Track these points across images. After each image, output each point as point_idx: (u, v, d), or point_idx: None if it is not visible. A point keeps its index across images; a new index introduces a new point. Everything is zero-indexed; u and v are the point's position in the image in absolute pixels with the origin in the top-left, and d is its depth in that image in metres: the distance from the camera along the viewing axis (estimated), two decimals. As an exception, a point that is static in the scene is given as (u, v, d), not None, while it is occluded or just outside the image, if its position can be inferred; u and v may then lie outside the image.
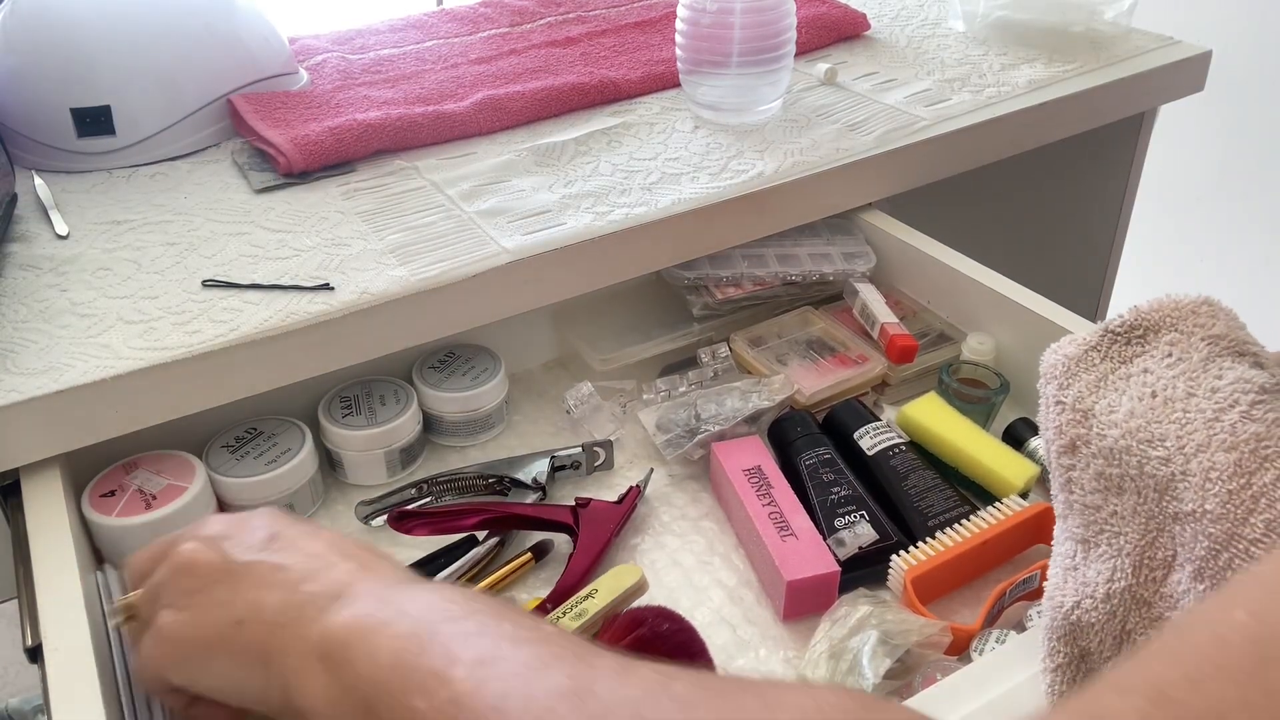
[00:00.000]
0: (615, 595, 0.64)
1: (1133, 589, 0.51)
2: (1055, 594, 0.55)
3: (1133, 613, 0.51)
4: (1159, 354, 0.53)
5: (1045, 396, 0.56)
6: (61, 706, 0.55)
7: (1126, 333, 0.54)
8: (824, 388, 0.87)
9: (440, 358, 0.90)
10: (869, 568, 0.71)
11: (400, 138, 1.00)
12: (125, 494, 0.74)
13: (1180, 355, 0.52)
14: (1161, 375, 0.52)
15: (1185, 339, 0.53)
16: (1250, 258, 2.05)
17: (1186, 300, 0.54)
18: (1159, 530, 0.50)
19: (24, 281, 0.82)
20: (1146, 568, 0.51)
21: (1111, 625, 0.52)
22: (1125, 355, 0.54)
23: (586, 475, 0.85)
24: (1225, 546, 0.46)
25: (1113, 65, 1.19)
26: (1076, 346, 0.55)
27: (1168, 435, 0.49)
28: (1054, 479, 0.56)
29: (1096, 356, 0.55)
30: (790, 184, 0.95)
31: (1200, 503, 0.47)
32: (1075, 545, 0.54)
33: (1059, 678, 0.54)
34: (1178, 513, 0.48)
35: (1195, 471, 0.47)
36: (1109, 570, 0.52)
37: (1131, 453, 0.50)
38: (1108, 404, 0.52)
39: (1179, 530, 0.49)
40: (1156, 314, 0.54)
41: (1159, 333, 0.54)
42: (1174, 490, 0.49)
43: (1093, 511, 0.53)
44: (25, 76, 0.98)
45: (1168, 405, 0.50)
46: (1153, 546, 0.50)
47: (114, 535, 0.72)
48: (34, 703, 1.52)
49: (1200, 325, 0.53)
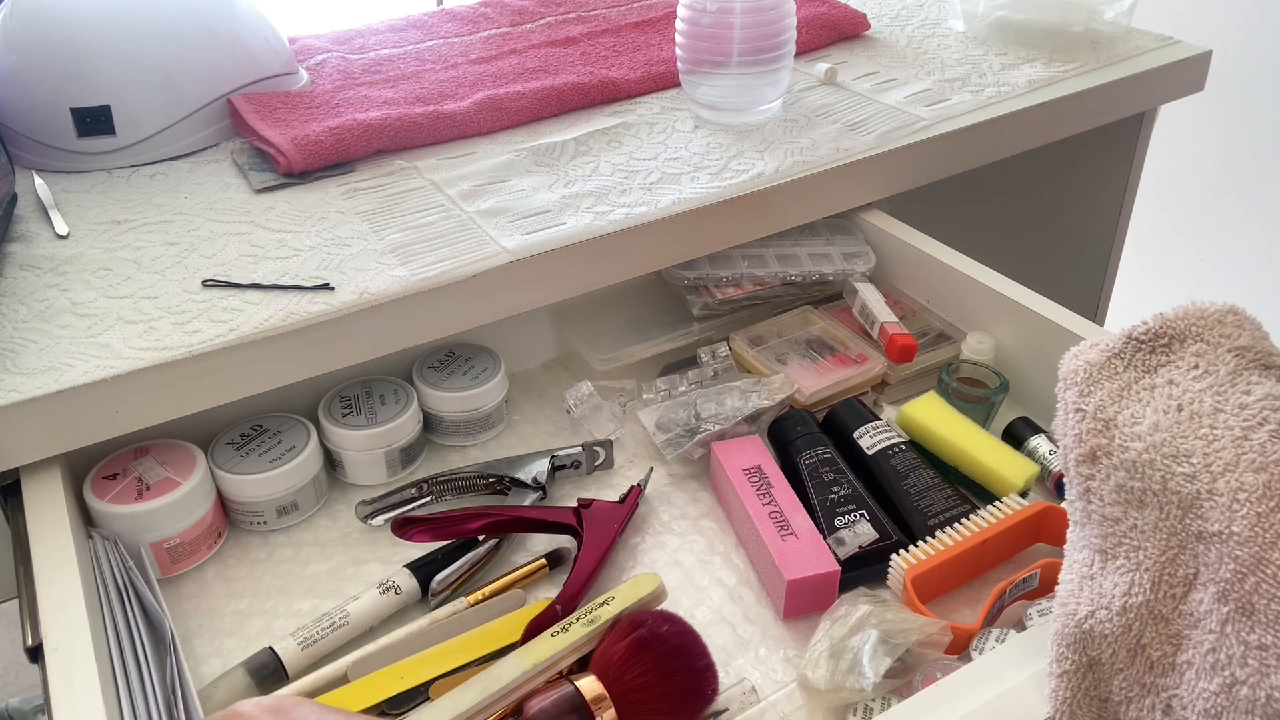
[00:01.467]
0: (630, 604, 0.64)
1: (1150, 604, 0.50)
2: (1069, 601, 0.54)
3: (1149, 628, 0.50)
4: (1185, 365, 0.52)
5: (1064, 402, 0.55)
6: (61, 706, 0.55)
7: (1151, 341, 0.53)
8: (824, 387, 0.87)
9: (440, 357, 0.90)
10: (869, 567, 0.71)
11: (400, 138, 1.00)
12: (124, 480, 0.75)
13: (1207, 368, 0.51)
14: (1188, 388, 0.51)
15: (1211, 350, 0.52)
16: (1250, 258, 2.05)
17: (1212, 309, 0.53)
18: (1180, 547, 0.49)
19: (24, 281, 0.82)
20: (1166, 584, 0.50)
21: (1126, 638, 0.51)
22: (1150, 364, 0.53)
23: (586, 475, 0.85)
24: (1253, 570, 0.45)
25: (1113, 65, 1.19)
26: (1099, 353, 0.54)
27: (1194, 451, 0.48)
28: (1070, 485, 0.55)
29: (1120, 364, 0.54)
30: (790, 184, 0.95)
31: (1227, 524, 0.46)
32: (1093, 554, 0.53)
33: (1064, 684, 0.53)
34: (1201, 531, 0.48)
35: (1223, 491, 0.47)
36: (1126, 584, 0.51)
37: (1155, 467, 0.50)
38: (1131, 415, 0.52)
39: (1202, 549, 0.48)
40: (1182, 322, 0.53)
41: (1184, 342, 0.53)
42: (1199, 508, 0.48)
43: (1112, 524, 0.52)
44: (25, 76, 0.98)
45: (1194, 420, 0.49)
46: (1173, 563, 0.50)
47: (103, 518, 0.73)
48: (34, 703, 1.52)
49: (1226, 336, 0.52)
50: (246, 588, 0.75)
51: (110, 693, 0.58)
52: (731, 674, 0.67)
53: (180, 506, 0.74)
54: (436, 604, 0.72)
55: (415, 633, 0.68)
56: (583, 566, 0.72)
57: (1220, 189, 2.05)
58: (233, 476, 0.77)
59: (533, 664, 0.60)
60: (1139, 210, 1.40)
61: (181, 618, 0.73)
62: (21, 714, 1.50)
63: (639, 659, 0.58)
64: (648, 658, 0.58)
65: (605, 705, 0.57)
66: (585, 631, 0.62)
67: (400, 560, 0.74)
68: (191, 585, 0.76)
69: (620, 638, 0.60)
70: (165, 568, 0.75)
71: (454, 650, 0.66)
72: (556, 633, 0.62)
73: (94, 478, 0.75)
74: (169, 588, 0.75)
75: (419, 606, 0.73)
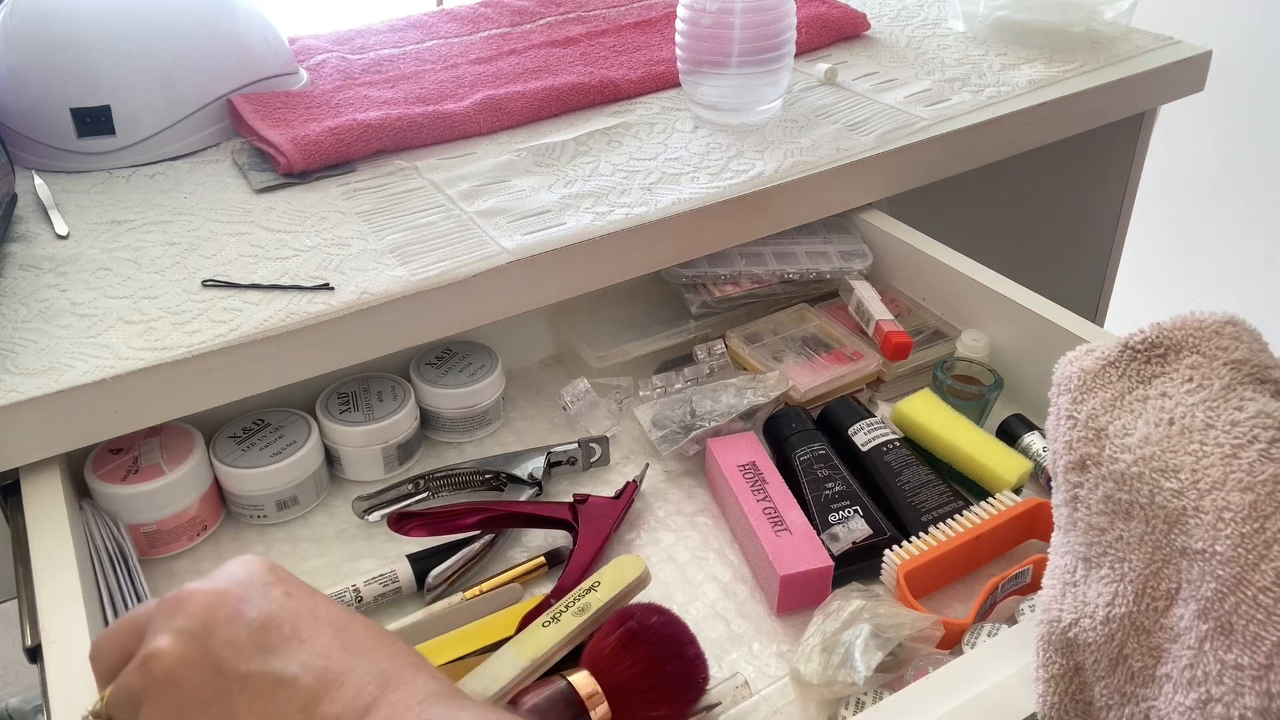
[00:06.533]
0: (619, 589, 0.64)
1: (1133, 616, 0.50)
2: (1052, 607, 0.54)
3: (1131, 638, 0.50)
4: (1179, 378, 0.51)
5: (1057, 408, 0.54)
6: (61, 706, 0.55)
7: (1146, 351, 0.53)
8: (819, 384, 0.87)
9: (437, 354, 0.90)
10: (862, 562, 0.72)
11: (400, 138, 1.01)
12: (124, 457, 0.76)
13: (1201, 381, 0.51)
14: (1181, 401, 0.50)
15: (1207, 363, 0.51)
16: (1250, 258, 2.04)
17: (1210, 320, 0.53)
18: (1165, 561, 0.49)
19: (24, 281, 0.82)
20: (1149, 597, 0.50)
21: (1109, 648, 0.51)
22: (1144, 375, 0.53)
23: (583, 471, 0.85)
24: (1233, 590, 0.45)
25: (1113, 65, 1.19)
26: (1094, 360, 0.54)
27: (1182, 467, 0.48)
28: (1058, 491, 0.55)
29: (1114, 373, 0.53)
30: (790, 184, 0.96)
31: (1211, 542, 0.46)
32: (1077, 561, 0.53)
33: (1051, 689, 0.53)
34: (1185, 548, 0.47)
35: (1208, 509, 0.46)
36: (1110, 594, 0.51)
37: (1144, 480, 0.49)
38: (1122, 425, 0.51)
39: (1185, 565, 0.48)
40: (1179, 333, 0.53)
41: (1180, 354, 0.52)
42: (1184, 524, 0.48)
43: (1098, 533, 0.52)
44: (25, 76, 0.99)
45: (1185, 435, 0.49)
46: (1157, 577, 0.49)
47: (93, 491, 0.75)
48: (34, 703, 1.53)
49: (1223, 349, 0.51)
50: (245, 583, 0.76)
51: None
52: (725, 668, 0.67)
53: (160, 496, 0.75)
54: (432, 598, 0.73)
55: (409, 626, 0.69)
56: (578, 561, 0.72)
57: (1220, 189, 2.05)
58: (233, 470, 0.78)
59: (530, 659, 0.60)
60: (1139, 210, 1.40)
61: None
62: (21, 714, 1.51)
63: (630, 650, 0.59)
64: (638, 649, 0.59)
65: (598, 700, 0.57)
66: (578, 622, 0.62)
67: (397, 556, 0.75)
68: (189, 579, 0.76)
69: (610, 631, 0.60)
70: (144, 550, 0.76)
71: (449, 644, 0.66)
72: (548, 622, 0.62)
73: (101, 448, 0.76)
74: (165, 581, 0.76)
75: (415, 600, 0.74)
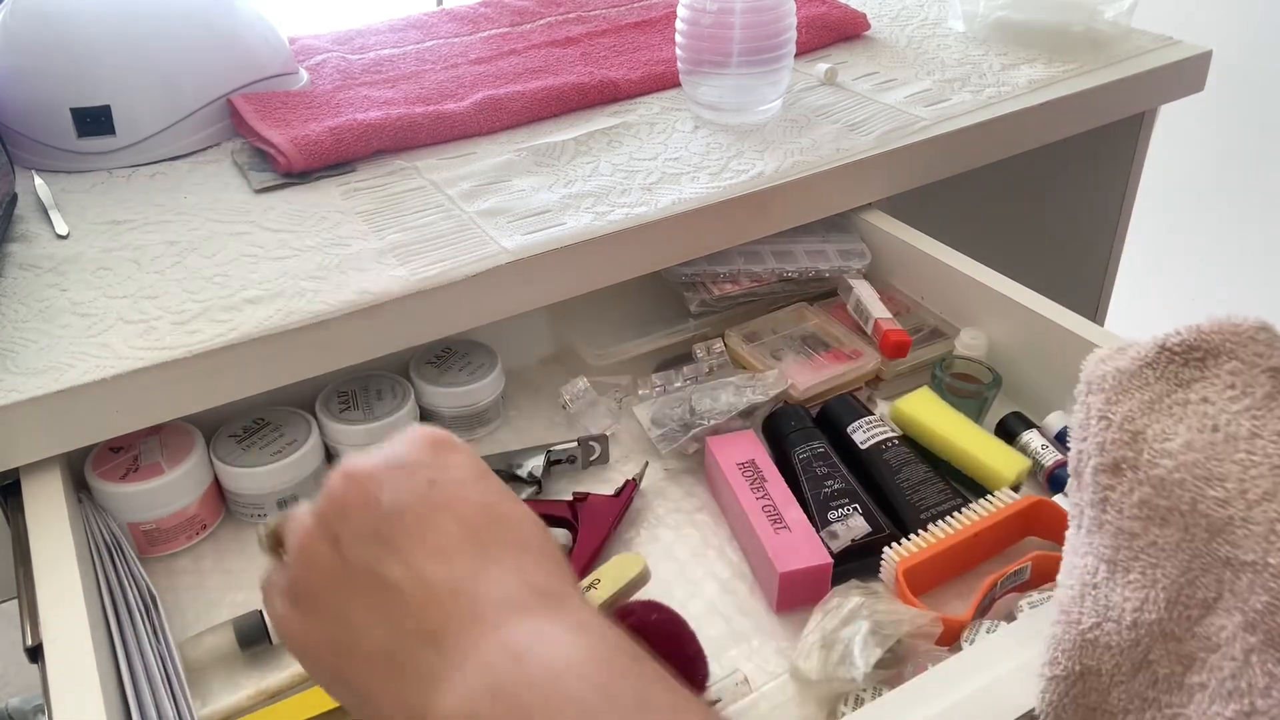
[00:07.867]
0: (619, 586, 0.64)
1: (1163, 623, 0.49)
2: (1072, 609, 0.53)
3: (1159, 644, 0.49)
4: (1220, 384, 0.51)
5: (1087, 407, 0.54)
6: (61, 706, 0.55)
7: (1185, 353, 0.52)
8: (818, 382, 0.87)
9: (437, 353, 0.91)
10: (861, 560, 0.72)
11: (400, 138, 1.01)
12: (124, 455, 0.77)
13: (1243, 389, 0.50)
14: (1224, 409, 0.49)
15: (1247, 370, 0.50)
16: (1250, 258, 2.04)
17: (1245, 325, 0.52)
18: (1203, 570, 0.48)
19: (24, 281, 0.82)
20: (1182, 605, 0.49)
21: (1133, 653, 0.50)
22: (1182, 378, 0.52)
23: (582, 470, 0.85)
24: None
25: (1113, 65, 1.19)
26: (1129, 360, 0.53)
27: (1228, 476, 0.47)
28: (1083, 491, 0.54)
29: (1151, 375, 0.52)
30: (790, 184, 0.96)
31: (1263, 554, 0.45)
32: (1099, 563, 0.53)
33: (1053, 687, 0.53)
34: (1230, 558, 0.47)
35: (1259, 520, 0.46)
36: (1139, 599, 0.50)
37: (1185, 487, 0.48)
38: (1162, 430, 0.50)
39: (1229, 576, 0.47)
40: (1217, 336, 0.52)
41: (1219, 359, 0.51)
42: (1230, 534, 0.47)
43: (1129, 537, 0.51)
44: (25, 76, 0.99)
45: (1230, 443, 0.48)
46: (1192, 585, 0.48)
47: (95, 489, 0.75)
48: (34, 702, 1.53)
49: (1260, 355, 0.51)
50: (246, 580, 0.76)
51: (111, 690, 0.58)
52: (724, 665, 0.67)
53: (158, 495, 0.75)
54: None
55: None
56: (578, 559, 0.72)
57: (1220, 189, 2.05)
58: (234, 469, 0.78)
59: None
60: (1139, 210, 1.40)
61: (177, 608, 0.73)
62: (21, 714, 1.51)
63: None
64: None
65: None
66: None
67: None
68: (188, 577, 0.76)
69: (610, 628, 0.60)
70: (142, 548, 0.76)
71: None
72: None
73: (101, 447, 0.77)
74: (164, 578, 0.76)
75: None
